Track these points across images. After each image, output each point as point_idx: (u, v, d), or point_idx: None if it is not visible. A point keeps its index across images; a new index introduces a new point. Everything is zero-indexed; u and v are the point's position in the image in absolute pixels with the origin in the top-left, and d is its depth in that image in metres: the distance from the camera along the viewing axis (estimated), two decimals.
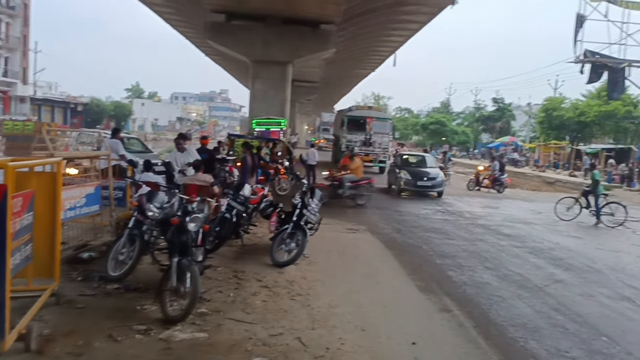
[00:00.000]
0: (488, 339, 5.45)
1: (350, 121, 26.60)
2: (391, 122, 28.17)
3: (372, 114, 27.26)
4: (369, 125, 26.21)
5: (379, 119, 26.91)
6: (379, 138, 26.52)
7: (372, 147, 26.00)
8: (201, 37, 27.92)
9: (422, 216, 14.17)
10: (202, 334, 4.95)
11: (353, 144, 24.55)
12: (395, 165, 20.21)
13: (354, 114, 27.33)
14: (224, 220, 8.19)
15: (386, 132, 26.82)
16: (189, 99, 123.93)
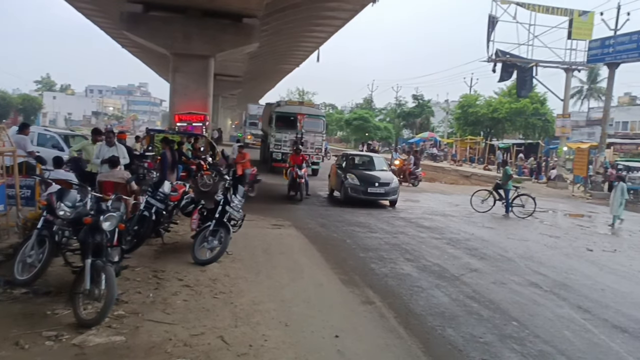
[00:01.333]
0: (408, 328, 5.62)
1: (279, 118, 23.47)
2: (324, 119, 24.53)
3: (303, 110, 23.52)
4: (300, 122, 22.97)
5: (311, 116, 23.38)
6: (311, 137, 23.58)
7: (304, 147, 22.27)
8: (117, 28, 26.72)
9: (346, 211, 14.39)
10: (119, 338, 4.74)
11: (282, 143, 22.49)
12: (339, 167, 17.10)
13: (284, 109, 23.87)
14: (142, 218, 7.90)
15: (319, 130, 23.58)
16: (105, 93, 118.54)
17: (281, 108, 23.83)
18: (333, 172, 17.67)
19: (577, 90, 64.04)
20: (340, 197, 16.21)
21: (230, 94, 59.16)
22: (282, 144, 22.18)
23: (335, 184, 17.13)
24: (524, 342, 5.44)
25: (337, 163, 18.01)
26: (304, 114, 22.97)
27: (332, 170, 18.00)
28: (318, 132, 23.41)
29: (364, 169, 16.74)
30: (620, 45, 26.11)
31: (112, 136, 10.19)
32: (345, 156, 18.17)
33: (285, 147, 21.54)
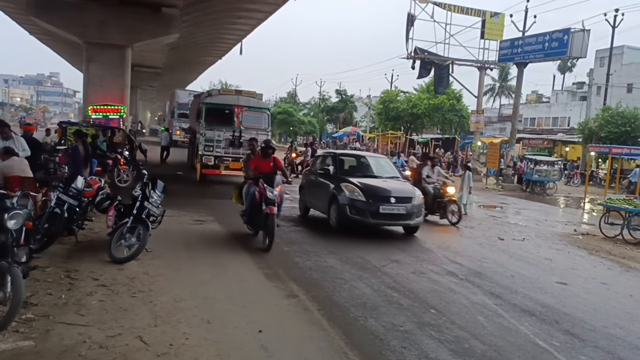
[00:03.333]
0: (331, 320, 5.69)
1: (210, 111, 17.70)
2: (269, 112, 19.03)
3: (241, 101, 18.08)
4: (238, 117, 17.65)
5: (252, 109, 18.06)
6: (252, 135, 17.08)
7: (244, 148, 16.84)
8: (25, 14, 25.05)
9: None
10: (28, 342, 4.46)
11: (215, 144, 17.35)
12: (320, 175, 12.02)
13: (216, 100, 18.21)
14: (53, 215, 7.48)
15: (262, 126, 18.20)
16: (12, 82, 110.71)
17: (213, 99, 18.30)
18: (308, 182, 12.72)
19: (490, 88, 67.66)
20: (331, 221, 10.98)
21: (150, 85, 57.32)
22: (215, 145, 17.36)
23: (315, 200, 12.17)
24: (441, 329, 5.66)
25: (315, 169, 12.67)
26: (243, 106, 17.85)
27: (304, 179, 13.31)
28: (261, 129, 17.87)
29: (364, 176, 11.30)
30: (528, 45, 27.79)
31: (7, 130, 9.61)
32: (331, 157, 12.31)
33: (219, 148, 17.28)
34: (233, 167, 17.24)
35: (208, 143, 17.30)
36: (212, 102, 18.00)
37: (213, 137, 17.37)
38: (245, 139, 16.51)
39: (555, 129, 52.92)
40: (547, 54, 26.92)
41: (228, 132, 17.45)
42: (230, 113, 17.68)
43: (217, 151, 17.32)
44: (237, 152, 17.33)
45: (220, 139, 17.42)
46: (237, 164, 17.01)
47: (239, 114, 17.66)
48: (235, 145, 17.40)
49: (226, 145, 17.42)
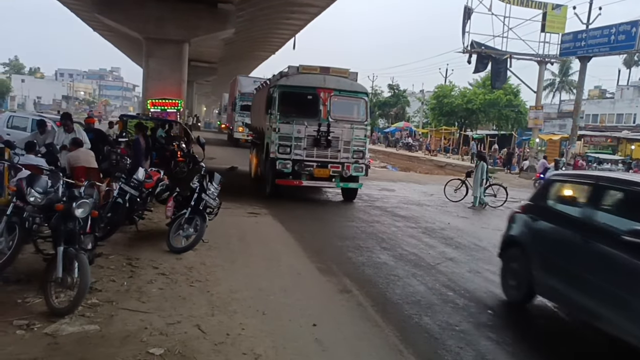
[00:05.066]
0: (385, 316, 5.64)
1: (286, 97, 13.19)
2: (367, 98, 13.90)
3: (329, 82, 13.26)
4: (324, 105, 13.01)
5: (344, 94, 13.34)
6: (346, 131, 13.17)
7: (333, 148, 13.05)
8: (89, 11, 26.09)
9: (322, 201, 14.38)
10: (93, 326, 4.65)
11: (293, 143, 12.90)
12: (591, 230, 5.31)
13: (294, 82, 13.34)
14: (116, 205, 7.75)
15: (359, 117, 13.51)
16: (76, 77, 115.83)
17: (290, 80, 13.40)
18: (540, 234, 6.26)
19: (550, 83, 65.18)
20: None
21: (205, 80, 58.45)
22: (294, 144, 12.90)
23: (579, 291, 5.34)
24: (498, 331, 5.51)
25: (561, 211, 6.18)
26: (331, 89, 13.14)
27: (523, 225, 6.66)
28: (356, 121, 13.34)
29: None
30: (592, 39, 26.58)
31: (69, 122, 10.04)
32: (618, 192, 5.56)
33: (299, 149, 12.88)
34: (319, 175, 13.03)
35: (284, 142, 12.87)
36: (289, 85, 13.18)
37: (291, 133, 12.86)
38: (337, 136, 12.90)
39: (619, 126, 50.51)
40: (613, 48, 25.66)
41: (311, 126, 12.83)
42: (314, 99, 13.03)
43: (296, 153, 12.82)
44: (324, 155, 12.94)
45: (301, 135, 12.86)
46: (324, 170, 12.94)
47: (327, 101, 12.98)
48: (322, 144, 12.87)
49: (309, 145, 12.88)
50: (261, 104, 15.10)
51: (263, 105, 14.21)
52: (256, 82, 26.84)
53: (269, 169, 13.26)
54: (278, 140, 12.88)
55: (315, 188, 14.68)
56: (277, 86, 13.33)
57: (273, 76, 15.51)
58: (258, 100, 17.69)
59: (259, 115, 15.88)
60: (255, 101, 19.72)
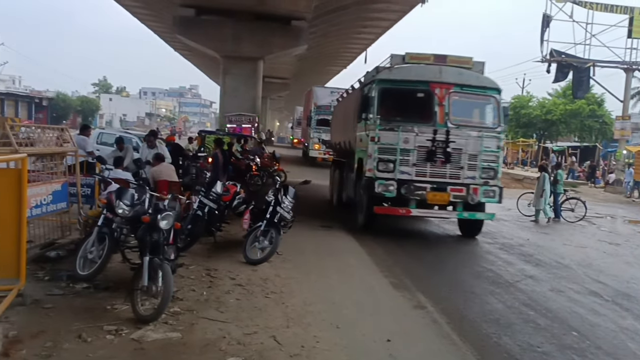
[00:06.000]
0: (462, 334, 5.49)
1: (387, 96, 10.42)
2: (499, 96, 10.57)
3: (447, 75, 10.33)
4: (441, 105, 10.15)
5: (468, 89, 10.38)
6: (472, 141, 10.20)
7: (454, 165, 10.15)
8: (170, 32, 27.55)
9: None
10: (175, 334, 4.85)
11: (399, 157, 10.02)
12: None
13: (399, 76, 10.47)
14: (196, 217, 8.07)
15: (490, 123, 10.55)
16: (158, 95, 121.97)
17: (394, 73, 10.45)
18: None
19: (638, 91, 61.27)
20: None
21: (278, 95, 59.87)
22: (400, 159, 10.01)
23: None
24: (585, 354, 5.21)
25: None
26: (450, 83, 10.19)
27: None
28: (486, 128, 10.37)
29: None
30: None
31: (152, 139, 10.61)
32: None
33: (406, 165, 10.00)
34: (434, 201, 10.10)
35: (385, 156, 9.91)
36: (393, 80, 10.25)
37: (395, 143, 9.86)
38: (459, 147, 9.87)
39: None
40: None
41: (424, 134, 9.88)
42: (427, 98, 10.05)
43: (402, 171, 9.88)
44: (442, 173, 9.96)
45: (409, 146, 9.89)
46: (442, 195, 9.94)
47: (444, 99, 9.97)
48: (438, 158, 9.89)
49: (420, 160, 9.91)
50: (348, 111, 12.88)
51: (351, 113, 11.73)
52: (334, 92, 25.18)
53: (364, 192, 10.23)
54: (377, 153, 9.87)
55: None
56: (377, 81, 10.23)
57: (367, 73, 11.69)
58: (343, 108, 14.71)
59: (345, 126, 13.16)
60: (338, 111, 16.43)
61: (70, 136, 8.46)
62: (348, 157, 12.94)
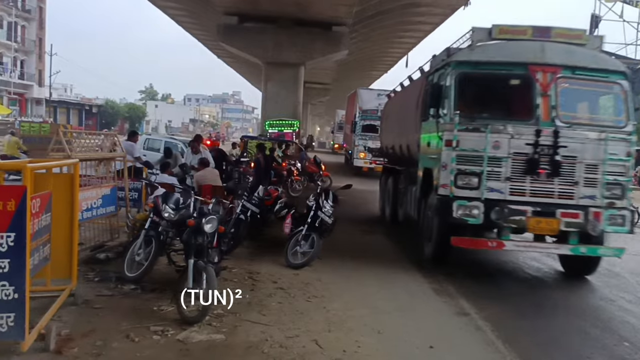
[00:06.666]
0: (507, 342, 5.36)
1: (469, 84, 7.78)
2: (625, 83, 7.52)
3: (554, 53, 7.43)
4: (545, 95, 7.33)
5: (583, 74, 7.50)
6: (591, 146, 7.24)
7: (566, 179, 7.27)
8: (214, 40, 28.15)
9: None
10: (219, 336, 4.93)
11: (486, 167, 7.27)
12: None
13: (485, 57, 7.70)
14: (239, 221, 8.21)
15: (614, 121, 7.67)
16: (201, 101, 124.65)
17: (477, 52, 7.83)
18: None
19: None
20: None
21: (319, 100, 60.21)
22: (488, 171, 7.31)
23: None
24: None
25: None
26: (558, 65, 7.45)
27: None
28: (610, 127, 7.50)
29: None
30: None
31: (196, 144, 10.84)
32: None
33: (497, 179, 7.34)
34: (539, 229, 7.49)
35: (467, 166, 7.38)
36: (476, 62, 7.72)
37: (481, 149, 7.29)
38: (573, 154, 7.24)
39: None
40: None
41: (522, 137, 7.29)
42: (526, 85, 7.55)
43: (491, 188, 7.31)
44: (549, 191, 7.30)
45: (501, 153, 7.31)
46: (550, 222, 7.24)
47: (549, 87, 7.41)
48: (544, 170, 7.26)
49: (518, 172, 7.31)
50: (406, 107, 10.52)
51: (411, 109, 9.65)
52: (380, 95, 22.10)
53: (434, 215, 7.83)
54: (455, 162, 7.28)
55: None
56: (453, 65, 7.69)
57: (435, 57, 9.22)
58: (398, 104, 12.31)
59: (402, 127, 10.88)
60: (390, 109, 13.76)
61: (119, 142, 8.75)
62: (406, 165, 10.63)
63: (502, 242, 7.36)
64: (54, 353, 4.27)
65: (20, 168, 4.14)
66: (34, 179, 4.39)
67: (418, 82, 10.39)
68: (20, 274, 3.90)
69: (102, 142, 8.44)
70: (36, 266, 4.41)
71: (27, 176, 4.04)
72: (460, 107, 7.47)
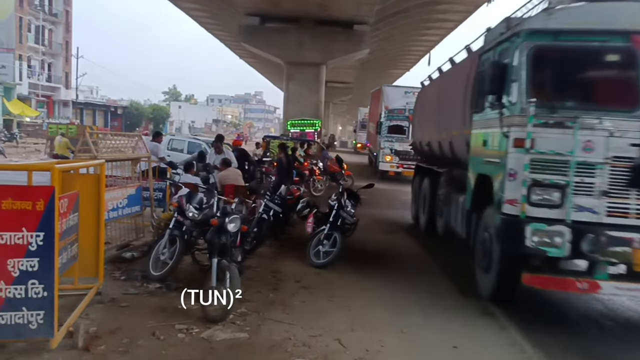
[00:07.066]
0: (532, 342, 5.29)
1: (547, 62, 5.82)
2: None
3: None
4: None
5: None
6: None
7: None
8: (236, 40, 28.32)
9: None
10: (243, 334, 4.97)
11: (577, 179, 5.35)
12: None
13: (570, 22, 5.56)
14: (261, 220, 8.25)
15: None
16: (224, 101, 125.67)
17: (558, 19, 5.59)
18: None
19: None
20: None
21: (340, 100, 60.13)
22: (575, 182, 5.37)
23: None
24: None
25: None
26: None
27: None
28: None
29: None
30: None
31: (219, 144, 10.92)
32: None
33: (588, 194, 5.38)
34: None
35: (545, 174, 5.50)
36: (557, 32, 5.67)
37: (568, 151, 5.39)
38: None
39: None
40: None
41: (628, 134, 5.32)
42: (628, 62, 5.60)
43: (579, 206, 5.41)
44: None
45: (595, 158, 5.38)
46: None
47: None
48: None
49: (618, 185, 5.35)
50: (450, 95, 8.89)
51: (457, 96, 8.01)
52: (408, 93, 21.07)
53: (497, 241, 6.01)
54: (529, 170, 5.49)
55: None
56: (524, 35, 5.79)
57: (489, 30, 7.38)
58: (437, 92, 10.32)
59: (444, 119, 9.18)
60: (427, 97, 11.60)
61: (143, 143, 8.88)
62: (448, 166, 9.24)
63: (596, 283, 5.32)
64: (82, 350, 4.35)
65: (48, 169, 4.23)
66: (61, 180, 4.48)
67: (465, 64, 8.39)
68: (49, 273, 3.99)
69: (136, 143, 8.56)
70: (64, 265, 4.50)
71: (54, 177, 4.13)
72: (534, 93, 5.59)
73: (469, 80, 7.56)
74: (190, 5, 25.87)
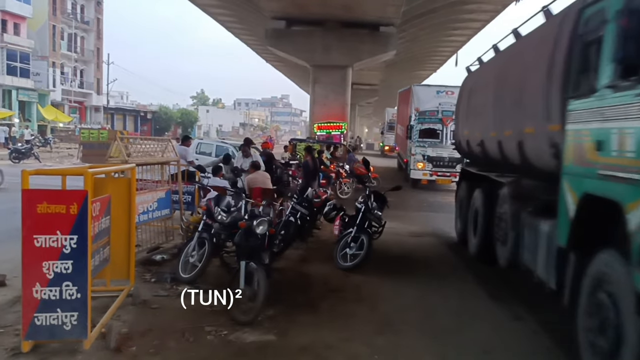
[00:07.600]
0: (564, 347, 5.18)
1: None
2: None
3: None
4: None
5: None
6: None
7: None
8: (262, 44, 28.53)
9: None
10: (271, 337, 4.99)
11: None
12: None
13: None
14: (288, 223, 8.25)
15: None
16: (251, 105, 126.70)
17: None
18: None
19: None
20: None
21: (367, 102, 60.02)
22: None
23: None
24: None
25: None
26: None
27: None
28: None
29: None
30: None
31: (247, 148, 11.00)
32: None
33: None
34: None
35: None
36: None
37: None
38: None
39: None
40: None
41: None
42: None
43: None
44: None
45: None
46: None
47: None
48: None
49: None
50: (520, 75, 6.55)
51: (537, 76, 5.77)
52: (441, 93, 19.29)
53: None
54: None
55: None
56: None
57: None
58: (497, 73, 8.06)
59: (507, 108, 6.98)
60: (477, 83, 9.52)
61: (173, 147, 9.00)
62: (514, 174, 7.28)
63: None
64: (114, 351, 4.43)
65: (81, 173, 4.32)
66: (93, 184, 4.58)
67: (550, 29, 5.92)
68: (83, 275, 4.07)
69: (166, 147, 8.69)
70: (97, 267, 4.59)
71: (87, 181, 4.22)
72: None
73: (558, 50, 5.25)
74: (218, 10, 26.20)
